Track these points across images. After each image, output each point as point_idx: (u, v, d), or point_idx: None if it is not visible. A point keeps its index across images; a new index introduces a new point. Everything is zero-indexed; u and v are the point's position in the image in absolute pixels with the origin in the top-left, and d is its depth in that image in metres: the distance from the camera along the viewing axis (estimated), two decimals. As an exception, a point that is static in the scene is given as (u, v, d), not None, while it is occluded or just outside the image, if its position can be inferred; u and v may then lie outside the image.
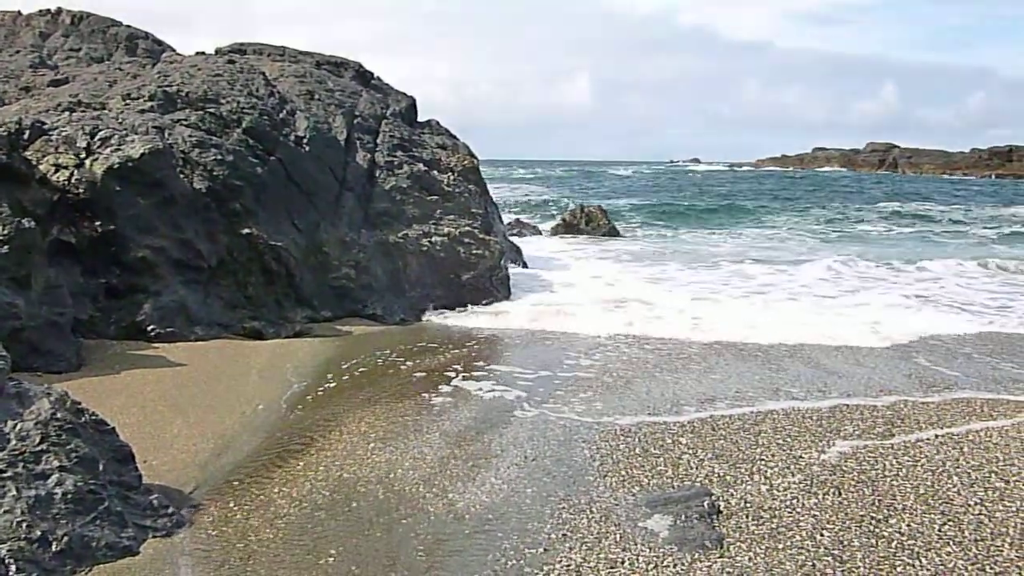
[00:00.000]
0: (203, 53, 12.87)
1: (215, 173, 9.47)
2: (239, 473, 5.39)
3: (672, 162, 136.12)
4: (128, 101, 10.31)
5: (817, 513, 4.82)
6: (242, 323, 9.25)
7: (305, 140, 10.86)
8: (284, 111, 11.07)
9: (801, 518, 4.75)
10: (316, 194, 10.64)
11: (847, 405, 6.98)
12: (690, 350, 9.05)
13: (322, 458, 5.66)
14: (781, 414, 6.70)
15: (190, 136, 9.66)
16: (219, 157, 9.59)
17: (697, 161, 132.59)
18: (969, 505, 4.93)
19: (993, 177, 73.30)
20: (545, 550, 4.38)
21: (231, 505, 4.90)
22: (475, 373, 7.97)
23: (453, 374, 7.92)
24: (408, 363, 8.33)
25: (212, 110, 10.25)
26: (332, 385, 7.54)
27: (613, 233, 21.62)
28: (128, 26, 15.42)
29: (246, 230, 9.51)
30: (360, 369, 8.08)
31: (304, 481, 5.27)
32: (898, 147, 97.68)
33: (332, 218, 10.68)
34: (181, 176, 9.30)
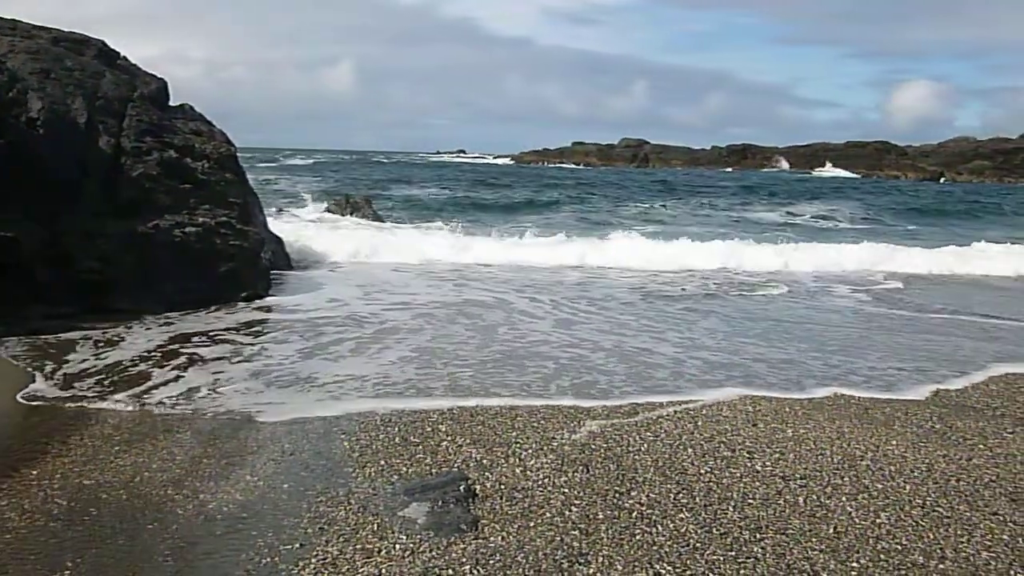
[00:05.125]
0: (-84, 23, 11.53)
1: (-69, 157, 8.55)
2: (-40, 487, 4.93)
3: (438, 153, 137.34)
4: None
5: (567, 490, 5.07)
6: (-33, 322, 8.43)
7: (39, 122, 10.00)
8: (14, 90, 10.13)
9: (552, 496, 4.98)
10: (53, 181, 9.83)
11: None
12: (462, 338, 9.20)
13: (59, 465, 5.27)
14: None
15: (-101, 115, 8.65)
16: (-64, 139, 8.66)
17: (463, 152, 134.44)
18: (700, 474, 5.37)
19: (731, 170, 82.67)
20: (301, 545, 4.32)
21: (-50, 522, 4.47)
22: (231, 367, 7.70)
23: (207, 369, 7.60)
24: (158, 359, 7.91)
25: (-73, 87, 9.23)
26: (73, 386, 7.02)
27: (378, 222, 21.85)
28: None
29: (-30, 220, 8.65)
30: (105, 368, 7.58)
31: (38, 491, 4.89)
32: (649, 143, 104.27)
33: (72, 207, 9.92)
34: None
